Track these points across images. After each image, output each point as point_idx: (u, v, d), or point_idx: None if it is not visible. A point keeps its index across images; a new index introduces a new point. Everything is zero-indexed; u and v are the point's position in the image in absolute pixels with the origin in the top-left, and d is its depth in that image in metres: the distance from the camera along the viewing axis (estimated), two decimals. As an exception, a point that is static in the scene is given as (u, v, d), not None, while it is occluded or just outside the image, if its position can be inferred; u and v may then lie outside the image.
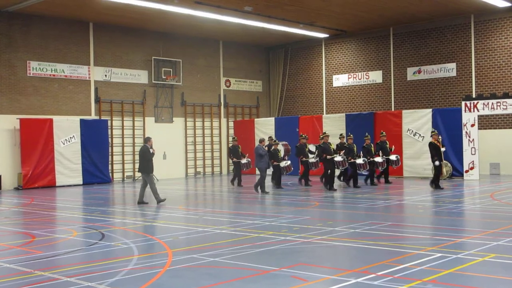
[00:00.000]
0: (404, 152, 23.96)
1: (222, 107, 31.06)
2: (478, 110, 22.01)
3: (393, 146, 21.78)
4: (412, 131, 23.99)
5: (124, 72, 27.08)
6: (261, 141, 20.21)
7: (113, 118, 26.55)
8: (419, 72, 27.53)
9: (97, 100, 26.10)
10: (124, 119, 27.01)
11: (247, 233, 11.04)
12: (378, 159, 20.91)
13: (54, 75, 24.80)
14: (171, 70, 28.42)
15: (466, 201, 15.87)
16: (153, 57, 27.77)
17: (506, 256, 8.45)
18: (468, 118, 22.10)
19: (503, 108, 21.60)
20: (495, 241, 9.57)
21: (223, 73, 31.26)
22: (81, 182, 24.58)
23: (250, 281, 7.32)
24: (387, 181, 21.49)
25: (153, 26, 27.08)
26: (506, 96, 21.66)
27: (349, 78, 30.13)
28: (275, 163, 20.65)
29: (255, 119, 30.43)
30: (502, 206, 14.62)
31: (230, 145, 22.84)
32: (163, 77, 28.05)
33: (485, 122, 24.98)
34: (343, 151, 20.17)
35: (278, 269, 7.88)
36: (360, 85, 29.74)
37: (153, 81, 27.83)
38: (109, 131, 26.08)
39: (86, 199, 19.64)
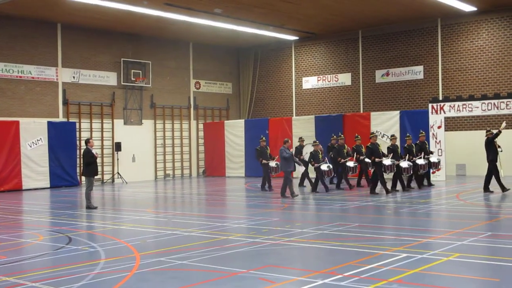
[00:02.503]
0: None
1: (192, 109, 30.98)
2: (444, 112, 22.33)
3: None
4: (380, 132, 24.22)
5: (93, 74, 26.83)
6: (286, 142, 18.30)
7: (82, 121, 26.28)
8: (387, 74, 27.84)
9: (65, 102, 25.81)
10: (93, 121, 26.76)
11: (216, 235, 11.04)
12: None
13: (20, 77, 24.46)
14: (140, 72, 28.26)
15: (433, 201, 16.08)
16: (122, 59, 27.57)
17: (469, 256, 8.60)
18: (435, 120, 22.41)
19: (468, 110, 21.94)
20: (459, 241, 9.73)
21: (193, 75, 31.19)
22: (48, 185, 24.24)
23: (218, 283, 7.32)
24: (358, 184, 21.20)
25: (122, 28, 26.89)
26: (471, 98, 22.00)
27: (318, 80, 30.31)
28: (315, 164, 19.40)
29: (225, 121, 30.41)
30: (467, 207, 14.86)
31: (258, 146, 21.21)
32: (132, 79, 27.86)
33: (452, 124, 25.35)
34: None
35: (246, 271, 7.90)
36: (329, 87, 29.94)
37: (122, 83, 27.62)
38: (77, 133, 25.79)
39: (53, 203, 19.40)
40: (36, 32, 25.04)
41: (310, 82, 30.68)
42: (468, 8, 24.09)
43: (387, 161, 18.26)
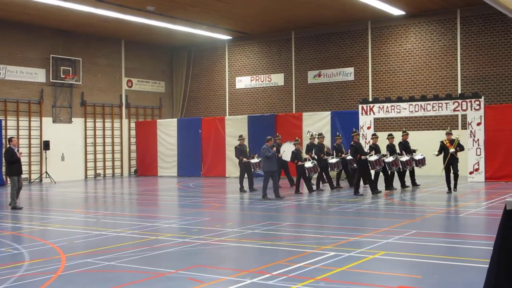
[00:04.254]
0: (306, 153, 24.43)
1: (123, 107, 30.52)
2: (374, 113, 22.85)
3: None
4: (312, 132, 24.51)
5: (20, 70, 26.02)
6: (269, 140, 17.41)
7: (8, 118, 25.44)
8: (319, 75, 28.25)
9: (-10, 99, 24.97)
10: (20, 119, 25.95)
11: (146, 235, 10.91)
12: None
13: None
14: (70, 69, 27.61)
15: (361, 200, 16.42)
16: (51, 55, 26.86)
17: (394, 253, 8.83)
18: (365, 120, 22.91)
19: (397, 112, 22.54)
20: (385, 239, 9.97)
21: (125, 73, 30.73)
22: (-28, 185, 23.41)
23: (146, 284, 7.24)
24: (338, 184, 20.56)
25: (52, 23, 26.19)
26: (400, 100, 22.60)
27: (251, 80, 30.44)
28: (299, 163, 18.58)
29: (158, 120, 30.12)
30: (394, 205, 15.27)
31: (238, 144, 20.37)
32: (62, 76, 27.18)
33: (381, 125, 25.96)
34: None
35: (175, 271, 7.84)
36: (262, 87, 30.12)
37: (51, 80, 26.92)
38: (3, 131, 24.94)
39: (-23, 203, 18.70)
40: (-40, 25, 24.12)
41: (243, 82, 30.77)
42: (397, 12, 24.74)
43: (372, 158, 18.26)
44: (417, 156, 19.42)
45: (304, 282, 7.08)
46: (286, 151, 19.04)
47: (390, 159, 18.76)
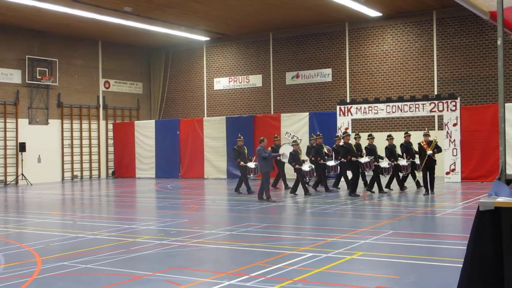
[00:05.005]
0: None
1: (101, 109, 30.30)
2: (351, 114, 22.97)
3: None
4: (290, 134, 24.60)
5: (-5, 71, 25.74)
6: (262, 141, 17.19)
7: (-17, 120, 25.16)
8: (297, 76, 28.32)
9: (-35, 101, 24.64)
10: (-5, 120, 25.68)
11: (123, 238, 10.84)
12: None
13: None
14: (46, 70, 27.35)
15: (339, 201, 16.49)
16: (27, 56, 26.57)
17: (371, 254, 8.88)
18: (343, 121, 23.02)
19: (374, 113, 22.68)
20: (363, 239, 10.03)
21: (102, 74, 30.52)
22: None
23: (122, 287, 7.18)
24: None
25: (28, 24, 25.89)
26: (377, 101, 22.75)
27: (230, 81, 30.42)
28: (297, 166, 18.14)
29: (135, 122, 29.96)
30: (371, 206, 15.36)
31: (236, 146, 19.68)
32: (38, 77, 26.91)
33: (358, 126, 26.09)
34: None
35: (152, 273, 7.80)
36: (240, 88, 30.11)
37: (27, 81, 26.63)
38: (-22, 133, 24.66)
39: (-49, 206, 18.43)
40: None
41: (221, 83, 30.74)
42: (374, 13, 24.89)
43: (363, 160, 18.09)
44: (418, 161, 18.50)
45: (282, 283, 7.09)
46: (286, 152, 18.63)
47: (385, 164, 18.24)
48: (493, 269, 3.61)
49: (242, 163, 19.03)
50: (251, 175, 19.03)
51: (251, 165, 18.81)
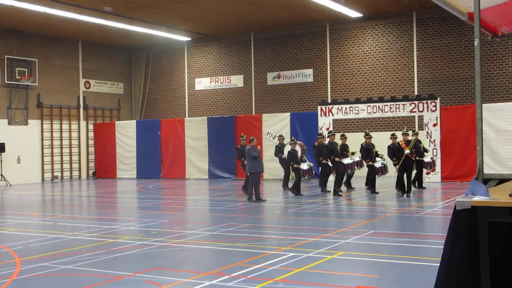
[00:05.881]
0: (264, 155, 24.50)
1: (81, 109, 30.09)
2: (332, 115, 23.07)
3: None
4: (272, 134, 24.65)
5: (-26, 71, 25.47)
6: (251, 140, 16.89)
7: (-39, 120, 24.88)
8: (279, 77, 28.37)
9: None
10: (-26, 121, 25.40)
11: (104, 238, 10.79)
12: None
13: None
14: (26, 70, 27.10)
15: (320, 201, 16.55)
16: (6, 56, 26.30)
17: (352, 253, 8.94)
18: (324, 122, 23.10)
19: (355, 113, 22.80)
20: (344, 239, 10.08)
21: (82, 74, 30.31)
22: None
23: (103, 288, 7.17)
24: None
25: (6, 24, 25.63)
26: (358, 101, 22.86)
27: (211, 81, 30.37)
28: (295, 165, 18.07)
29: (116, 122, 29.80)
30: (352, 206, 15.45)
31: (239, 145, 19.49)
32: (18, 77, 26.66)
33: (340, 126, 26.20)
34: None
35: (133, 274, 7.77)
36: (222, 88, 30.08)
37: (6, 81, 26.36)
38: (-44, 133, 24.37)
39: None
40: None
41: (202, 83, 30.68)
42: (354, 14, 25.00)
43: (346, 160, 18.02)
44: (427, 159, 18.36)
45: (263, 283, 7.11)
46: (285, 153, 18.67)
47: (378, 164, 18.00)
48: (470, 268, 3.66)
49: (246, 161, 18.49)
50: None
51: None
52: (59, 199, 20.24)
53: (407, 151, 16.67)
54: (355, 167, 18.62)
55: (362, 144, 18.66)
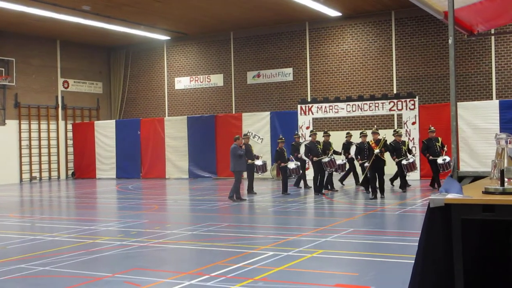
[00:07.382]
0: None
1: (60, 109, 29.83)
2: (312, 113, 23.14)
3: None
4: (252, 133, 24.64)
5: (-51, 71, 25.13)
6: (236, 139, 16.78)
7: None
8: (258, 76, 28.37)
9: None
10: (-50, 121, 25.07)
11: (82, 239, 10.72)
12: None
13: None
14: (3, 69, 26.80)
15: (301, 200, 16.60)
16: (-18, 56, 26.07)
17: (332, 252, 8.98)
18: (304, 121, 23.17)
19: (335, 112, 22.91)
20: (324, 237, 10.12)
21: (60, 74, 30.05)
22: None
23: (81, 289, 7.12)
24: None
25: (-17, 23, 25.38)
26: (337, 100, 22.97)
27: (191, 81, 30.29)
28: (282, 164, 17.98)
29: (95, 122, 29.61)
30: (332, 204, 15.51)
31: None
32: (-6, 77, 26.41)
33: (319, 125, 26.27)
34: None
35: (112, 275, 7.73)
36: (201, 88, 30.02)
37: (-18, 81, 26.11)
38: None
39: None
40: None
41: (182, 83, 30.58)
42: (333, 13, 25.09)
43: (325, 159, 17.68)
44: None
45: (242, 282, 7.11)
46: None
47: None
48: (444, 266, 3.69)
49: (249, 161, 18.16)
50: (259, 173, 18.67)
51: (258, 162, 18.38)
52: (38, 200, 20.06)
53: (376, 151, 15.94)
54: (335, 166, 18.43)
55: (356, 144, 18.25)
